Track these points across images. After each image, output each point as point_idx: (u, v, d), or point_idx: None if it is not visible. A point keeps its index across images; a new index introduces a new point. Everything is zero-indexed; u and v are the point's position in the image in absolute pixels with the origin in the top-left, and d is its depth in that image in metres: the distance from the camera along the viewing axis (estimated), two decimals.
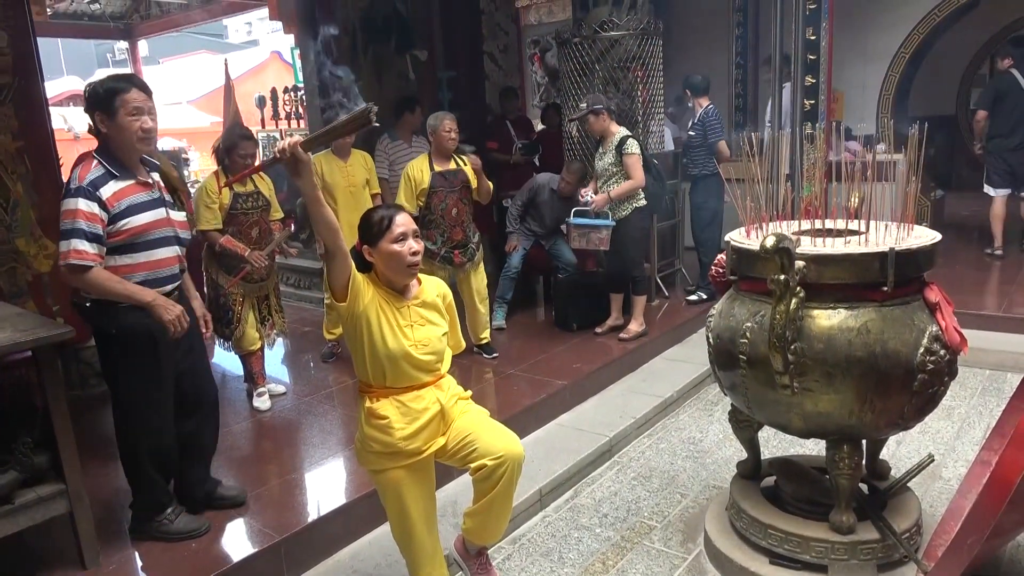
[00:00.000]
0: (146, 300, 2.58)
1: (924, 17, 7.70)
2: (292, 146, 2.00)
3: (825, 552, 2.52)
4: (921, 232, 2.57)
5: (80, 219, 2.47)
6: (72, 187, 2.49)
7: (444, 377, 2.39)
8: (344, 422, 3.98)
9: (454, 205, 4.49)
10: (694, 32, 8.42)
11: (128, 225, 2.57)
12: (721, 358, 2.66)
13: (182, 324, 2.63)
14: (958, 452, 3.61)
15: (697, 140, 5.66)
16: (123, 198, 2.56)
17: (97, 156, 2.57)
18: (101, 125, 2.56)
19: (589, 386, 4.41)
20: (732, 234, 2.75)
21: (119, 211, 2.55)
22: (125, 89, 2.53)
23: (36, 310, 4.00)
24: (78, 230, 2.47)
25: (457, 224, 4.51)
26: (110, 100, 2.53)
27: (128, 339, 2.62)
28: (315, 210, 2.09)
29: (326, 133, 2.15)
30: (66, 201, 2.49)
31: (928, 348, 2.35)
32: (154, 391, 2.73)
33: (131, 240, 2.59)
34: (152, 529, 2.79)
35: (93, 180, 2.52)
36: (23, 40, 4.15)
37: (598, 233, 4.72)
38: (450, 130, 4.43)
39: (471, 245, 4.61)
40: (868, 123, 7.77)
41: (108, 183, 2.54)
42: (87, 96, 2.58)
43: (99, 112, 2.55)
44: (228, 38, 24.29)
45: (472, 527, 2.46)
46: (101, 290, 2.53)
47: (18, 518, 2.47)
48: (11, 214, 4.14)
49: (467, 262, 4.59)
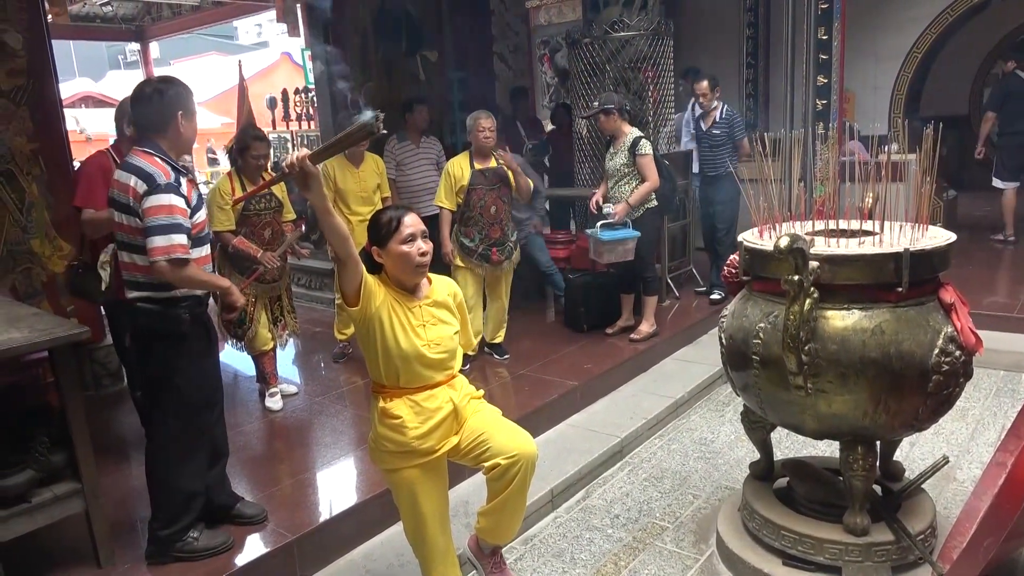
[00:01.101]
0: (225, 286, 2.72)
1: (937, 17, 7.66)
2: (300, 160, 1.99)
3: (839, 554, 2.51)
4: (936, 232, 2.56)
5: (177, 214, 2.50)
6: (162, 183, 2.49)
7: (457, 376, 2.39)
8: (355, 422, 3.99)
9: (493, 203, 4.49)
10: (705, 32, 8.40)
11: (199, 219, 2.64)
12: (734, 359, 2.66)
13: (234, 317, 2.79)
14: (973, 454, 3.59)
15: (721, 138, 5.62)
16: (191, 193, 2.62)
17: (156, 153, 2.57)
18: (181, 124, 2.61)
19: (600, 387, 4.41)
20: (745, 234, 2.74)
21: (194, 206, 2.61)
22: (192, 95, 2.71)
23: (50, 310, 4.03)
24: (178, 225, 2.49)
25: (495, 222, 4.51)
26: (192, 104, 2.67)
27: (191, 336, 2.64)
28: (325, 220, 2.10)
29: (333, 145, 2.12)
30: (158, 196, 2.48)
31: (943, 349, 2.33)
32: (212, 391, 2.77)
33: (198, 234, 2.64)
34: (175, 551, 2.70)
35: (175, 176, 2.55)
36: (38, 42, 4.19)
37: (625, 245, 4.68)
38: (484, 129, 4.44)
39: (509, 244, 4.60)
40: (880, 123, 7.73)
41: (181, 179, 2.58)
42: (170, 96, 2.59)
43: (184, 112, 2.61)
44: (238, 40, 24.44)
45: (486, 526, 2.46)
46: (194, 281, 2.58)
47: (35, 516, 2.49)
48: (26, 215, 4.18)
49: (504, 260, 4.58)
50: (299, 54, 10.59)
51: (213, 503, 2.89)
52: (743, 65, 8.50)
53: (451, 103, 7.00)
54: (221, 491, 2.96)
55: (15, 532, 2.44)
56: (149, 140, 2.60)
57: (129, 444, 3.76)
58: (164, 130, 2.60)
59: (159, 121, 2.60)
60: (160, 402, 2.67)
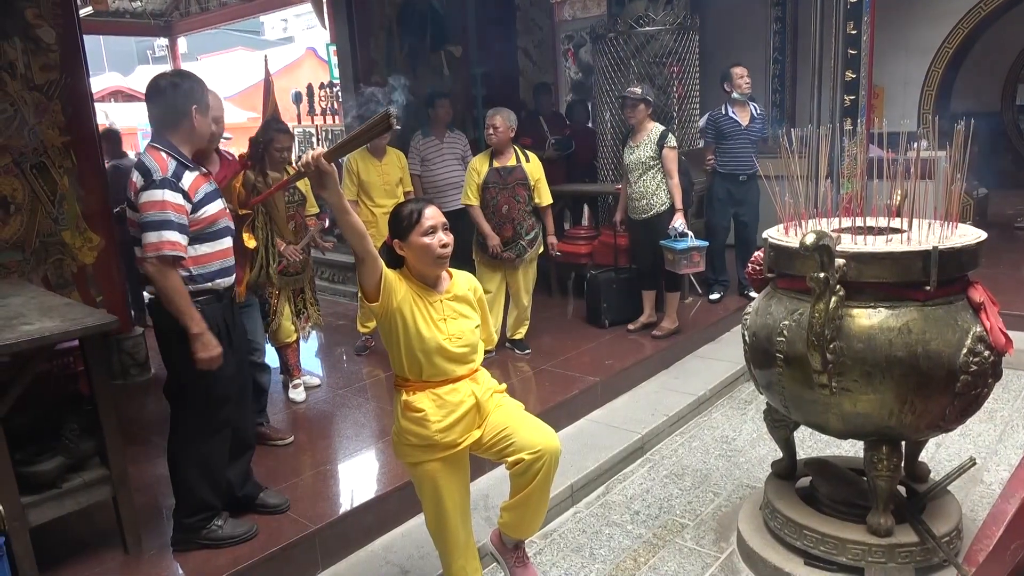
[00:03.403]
0: (194, 330, 2.51)
1: (969, 11, 7.50)
2: (316, 159, 1.99)
3: (862, 554, 2.48)
4: (966, 230, 2.52)
5: (170, 210, 2.46)
6: (156, 178, 2.47)
7: (479, 370, 2.40)
8: (377, 415, 4.02)
9: (505, 202, 4.51)
10: (731, 27, 8.30)
11: (206, 213, 2.61)
12: (757, 356, 2.64)
13: (213, 365, 2.57)
14: (1000, 456, 3.53)
15: (756, 134, 5.55)
16: (198, 188, 2.60)
17: (164, 148, 2.56)
18: (195, 120, 2.60)
19: (621, 383, 4.40)
20: (770, 231, 2.72)
21: (198, 200, 2.58)
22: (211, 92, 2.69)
23: (81, 300, 4.11)
24: (170, 221, 2.46)
25: (507, 221, 4.52)
26: (207, 101, 2.65)
27: None
28: (342, 219, 2.10)
29: (348, 142, 2.12)
30: (151, 192, 2.46)
31: (971, 349, 2.30)
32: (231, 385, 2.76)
33: (207, 228, 2.62)
34: (200, 538, 2.74)
35: (175, 172, 2.52)
36: (70, 37, 4.26)
37: (700, 254, 4.68)
38: (489, 126, 4.48)
39: (521, 243, 4.60)
40: (909, 120, 7.61)
41: (184, 173, 2.55)
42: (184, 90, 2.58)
43: (198, 107, 2.60)
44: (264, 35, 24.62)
45: (509, 521, 2.47)
46: (171, 292, 2.49)
47: (64, 502, 2.55)
48: (58, 207, 4.26)
49: (516, 258, 4.59)
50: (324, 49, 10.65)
51: (236, 493, 2.93)
52: (770, 60, 8.39)
53: (475, 98, 7.01)
54: (245, 481, 2.99)
55: (45, 517, 2.50)
56: (161, 135, 2.60)
57: (156, 433, 3.81)
58: (178, 125, 2.59)
59: (173, 116, 2.59)
60: (180, 395, 2.71)
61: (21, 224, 4.13)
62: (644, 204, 4.76)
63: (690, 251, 4.61)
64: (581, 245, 6.02)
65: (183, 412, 2.72)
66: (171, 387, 2.74)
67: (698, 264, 4.70)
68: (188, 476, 2.72)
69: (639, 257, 5.05)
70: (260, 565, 2.68)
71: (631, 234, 5.05)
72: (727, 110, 5.50)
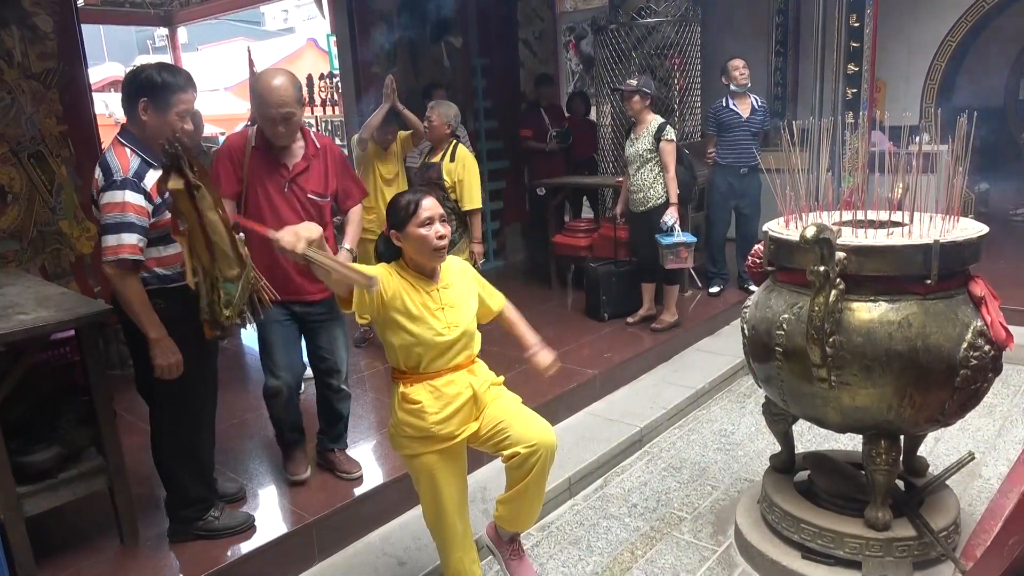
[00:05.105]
0: (152, 335, 2.42)
1: (973, 5, 7.46)
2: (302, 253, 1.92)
3: (859, 548, 2.48)
4: (967, 224, 2.50)
5: (130, 212, 2.36)
6: (117, 179, 2.37)
7: (476, 362, 2.39)
8: (375, 406, 4.01)
9: None
10: (732, 19, 8.26)
11: (168, 215, 2.48)
12: (756, 350, 2.63)
13: (172, 373, 2.48)
14: (999, 451, 3.52)
15: (758, 126, 5.52)
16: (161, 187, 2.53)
17: (128, 144, 2.45)
18: (144, 113, 2.43)
19: (620, 376, 4.39)
20: (770, 224, 2.70)
21: (161, 201, 2.45)
22: (184, 88, 2.46)
23: (78, 290, 4.10)
24: (130, 224, 2.36)
25: None
26: (167, 95, 2.43)
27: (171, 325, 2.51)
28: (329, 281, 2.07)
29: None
30: (112, 193, 2.37)
31: (972, 343, 2.29)
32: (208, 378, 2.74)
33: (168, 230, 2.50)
34: (196, 529, 2.74)
35: (136, 171, 2.41)
36: (68, 25, 4.24)
37: (688, 250, 4.64)
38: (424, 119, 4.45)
39: None
40: (911, 113, 7.58)
41: (147, 173, 2.43)
42: (139, 80, 2.44)
43: (149, 100, 2.42)
44: (265, 25, 24.54)
45: (504, 514, 2.46)
46: (129, 296, 2.39)
47: (60, 492, 2.54)
48: (56, 197, 4.24)
49: None
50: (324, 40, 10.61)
51: None
52: (772, 52, 8.35)
53: (476, 89, 6.98)
54: None
55: (41, 507, 2.49)
56: (127, 128, 2.49)
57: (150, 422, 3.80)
58: (132, 117, 2.47)
59: (127, 107, 2.48)
60: (151, 395, 2.67)
61: (19, 214, 4.12)
62: (641, 197, 4.75)
63: (677, 246, 4.57)
64: (581, 238, 6.01)
65: (159, 411, 2.69)
66: (142, 387, 2.70)
67: (685, 261, 4.64)
68: (178, 474, 2.71)
69: (638, 250, 5.04)
70: (257, 556, 2.68)
71: (631, 227, 5.04)
72: (728, 102, 5.47)
